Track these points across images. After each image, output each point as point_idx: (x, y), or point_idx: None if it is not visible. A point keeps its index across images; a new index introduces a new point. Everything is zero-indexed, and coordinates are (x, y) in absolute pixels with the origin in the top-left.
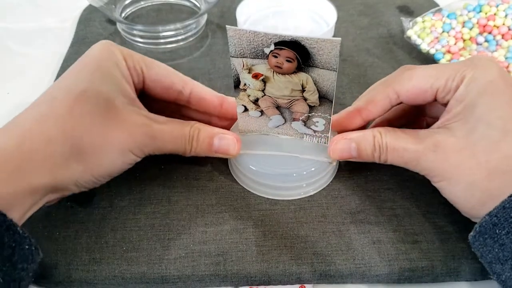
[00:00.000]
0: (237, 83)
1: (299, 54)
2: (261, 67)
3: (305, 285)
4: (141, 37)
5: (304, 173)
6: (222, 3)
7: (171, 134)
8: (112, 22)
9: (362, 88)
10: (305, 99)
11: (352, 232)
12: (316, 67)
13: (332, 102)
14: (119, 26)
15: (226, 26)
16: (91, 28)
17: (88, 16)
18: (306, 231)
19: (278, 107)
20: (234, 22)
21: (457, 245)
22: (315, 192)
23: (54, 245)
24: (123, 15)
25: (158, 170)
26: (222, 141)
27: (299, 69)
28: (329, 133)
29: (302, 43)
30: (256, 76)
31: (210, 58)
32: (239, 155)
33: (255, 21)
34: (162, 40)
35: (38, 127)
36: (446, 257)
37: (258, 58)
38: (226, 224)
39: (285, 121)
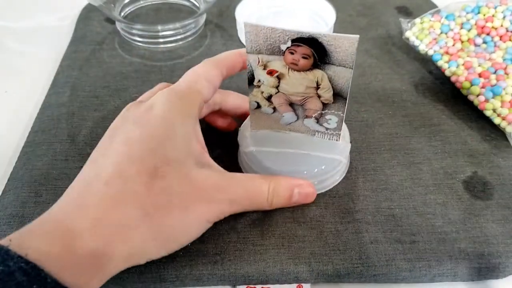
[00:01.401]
0: (251, 79)
1: (316, 51)
2: (277, 64)
3: (302, 284)
4: (140, 36)
5: (315, 170)
6: (221, 2)
7: (248, 195)
8: (111, 21)
9: (360, 88)
10: (319, 96)
11: (349, 232)
12: (332, 64)
13: (346, 99)
14: (118, 25)
15: (244, 22)
16: (90, 27)
17: (87, 15)
18: (304, 230)
19: (291, 104)
20: (233, 22)
21: (454, 245)
22: (325, 190)
23: None
24: (122, 14)
25: None
26: (302, 191)
27: (315, 66)
28: (341, 130)
29: (320, 40)
30: (271, 73)
31: (209, 57)
32: (251, 152)
33: (254, 21)
34: (161, 40)
35: (113, 211)
36: (443, 258)
37: (274, 55)
38: (223, 223)
39: (298, 118)
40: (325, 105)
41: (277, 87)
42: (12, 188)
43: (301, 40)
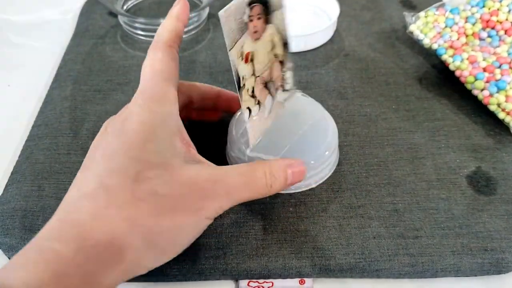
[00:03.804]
0: (238, 81)
1: (263, 4)
2: (248, 43)
3: (305, 279)
4: (143, 30)
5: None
6: None
7: (246, 182)
8: (113, 14)
9: (363, 82)
10: (276, 57)
11: (352, 227)
12: (274, 11)
13: (287, 44)
14: (121, 19)
15: (218, 14)
16: (92, 21)
17: (89, 9)
18: (306, 225)
19: (266, 86)
20: None
21: (457, 240)
22: (316, 184)
23: None
24: (124, 7)
25: None
26: (295, 170)
27: (267, 22)
28: (293, 83)
29: None
30: (246, 59)
31: (212, 51)
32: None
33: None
34: None
35: (98, 224)
36: (446, 253)
37: (243, 33)
38: (226, 218)
39: (273, 98)
40: (282, 65)
41: (253, 74)
42: (15, 182)
43: (253, 2)
